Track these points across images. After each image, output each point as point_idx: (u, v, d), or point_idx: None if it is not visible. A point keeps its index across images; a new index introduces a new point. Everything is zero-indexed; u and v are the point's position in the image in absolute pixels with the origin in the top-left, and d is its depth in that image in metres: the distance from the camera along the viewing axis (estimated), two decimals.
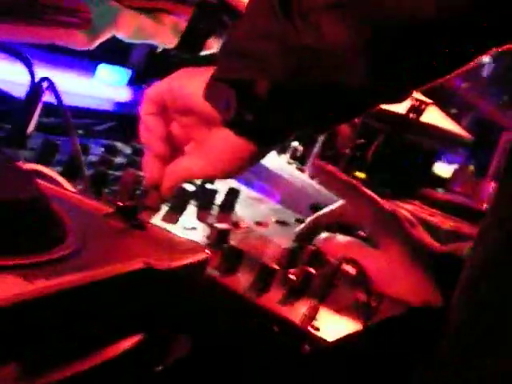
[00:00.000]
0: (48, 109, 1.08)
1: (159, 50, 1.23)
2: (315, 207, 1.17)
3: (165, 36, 1.13)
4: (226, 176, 0.74)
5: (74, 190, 0.79)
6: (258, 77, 0.61)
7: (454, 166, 1.75)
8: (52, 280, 0.53)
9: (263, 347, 0.81)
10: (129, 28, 1.06)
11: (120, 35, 1.08)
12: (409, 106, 1.39)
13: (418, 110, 1.37)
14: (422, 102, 1.39)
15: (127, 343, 0.61)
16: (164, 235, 0.72)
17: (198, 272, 0.70)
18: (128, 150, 1.19)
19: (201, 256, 0.70)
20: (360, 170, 1.40)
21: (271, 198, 1.24)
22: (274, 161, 1.36)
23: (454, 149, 1.70)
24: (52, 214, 0.62)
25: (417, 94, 1.43)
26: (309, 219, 1.04)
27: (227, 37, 0.66)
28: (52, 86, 0.98)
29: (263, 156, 0.72)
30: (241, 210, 1.12)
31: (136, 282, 0.61)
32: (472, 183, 1.67)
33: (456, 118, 1.70)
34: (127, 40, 1.11)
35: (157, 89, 0.75)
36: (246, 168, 0.72)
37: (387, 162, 1.40)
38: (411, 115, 1.37)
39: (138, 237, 0.69)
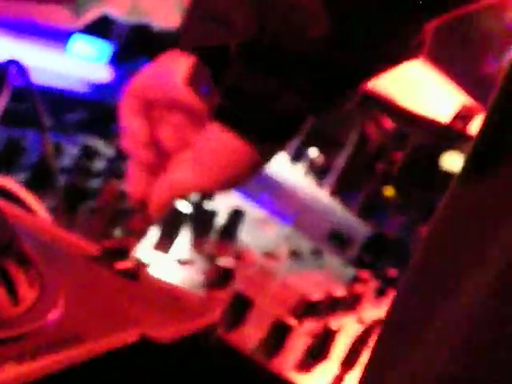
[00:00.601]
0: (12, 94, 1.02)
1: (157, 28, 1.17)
2: (335, 235, 1.12)
3: (166, 14, 1.08)
4: (225, 187, 0.69)
5: (46, 215, 0.73)
6: (227, 40, 0.62)
7: None
8: (25, 364, 0.48)
9: None
10: (122, 4, 1.00)
11: (111, 13, 1.02)
12: (454, 113, 1.34)
13: (464, 118, 1.31)
14: (470, 108, 1.34)
15: None
16: (161, 288, 0.67)
17: (204, 340, 0.65)
18: (110, 151, 1.12)
19: (208, 319, 0.65)
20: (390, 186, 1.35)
21: (282, 219, 1.19)
22: (288, 172, 1.30)
23: None
24: (24, 264, 0.56)
25: (465, 99, 1.38)
26: None
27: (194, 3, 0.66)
28: (22, 72, 0.91)
29: (266, 160, 0.67)
30: (246, 235, 1.07)
31: (131, 358, 0.56)
32: None
33: None
34: (120, 19, 1.05)
35: (138, 80, 0.69)
36: (248, 176, 0.67)
37: (419, 178, 1.35)
38: (456, 124, 1.32)
39: (132, 291, 0.64)
